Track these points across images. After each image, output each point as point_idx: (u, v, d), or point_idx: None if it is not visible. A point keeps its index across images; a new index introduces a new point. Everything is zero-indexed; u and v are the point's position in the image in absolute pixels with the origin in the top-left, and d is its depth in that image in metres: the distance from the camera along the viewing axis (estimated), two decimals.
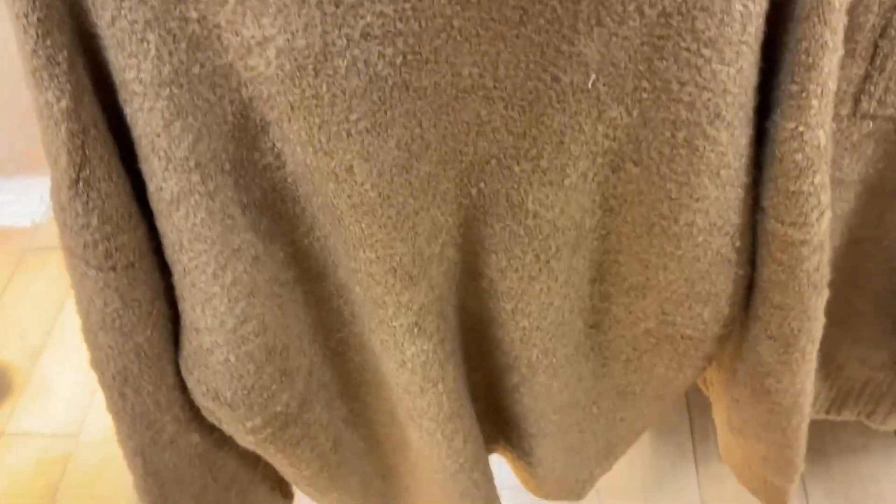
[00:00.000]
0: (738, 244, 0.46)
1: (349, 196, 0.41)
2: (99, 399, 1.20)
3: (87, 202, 0.39)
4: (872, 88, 0.47)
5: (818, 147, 0.40)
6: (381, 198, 0.41)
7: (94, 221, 0.40)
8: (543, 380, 0.55)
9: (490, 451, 0.70)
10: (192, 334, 0.46)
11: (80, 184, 0.39)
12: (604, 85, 0.38)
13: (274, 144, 0.41)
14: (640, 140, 0.41)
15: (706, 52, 0.36)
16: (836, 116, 0.48)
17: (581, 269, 0.50)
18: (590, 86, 0.38)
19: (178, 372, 0.49)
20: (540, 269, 0.48)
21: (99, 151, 0.39)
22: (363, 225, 0.42)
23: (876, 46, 0.46)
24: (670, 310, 0.50)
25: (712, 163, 0.41)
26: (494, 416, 0.64)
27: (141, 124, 0.38)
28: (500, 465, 0.69)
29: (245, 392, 0.47)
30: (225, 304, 0.43)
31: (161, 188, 0.40)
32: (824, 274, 0.46)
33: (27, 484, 1.11)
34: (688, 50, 0.36)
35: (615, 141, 0.41)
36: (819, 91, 0.38)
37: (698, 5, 0.35)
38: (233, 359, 0.46)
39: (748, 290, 0.50)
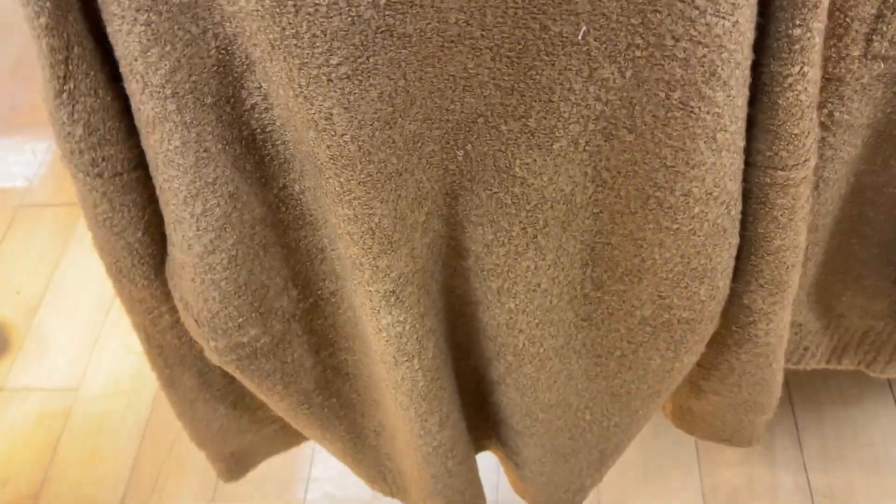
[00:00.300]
0: (732, 212, 0.45)
1: (328, 147, 0.40)
2: (98, 353, 1.21)
3: (72, 113, 0.41)
4: (885, 28, 0.46)
5: (815, 82, 0.40)
6: (361, 152, 0.40)
7: (79, 131, 0.42)
8: (530, 371, 0.55)
9: (482, 447, 0.70)
10: (170, 245, 0.47)
11: (65, 95, 0.40)
12: (595, 40, 0.37)
13: (261, 85, 0.41)
14: (633, 104, 0.40)
15: (700, 2, 0.35)
16: (847, 57, 0.48)
17: (572, 251, 0.48)
18: (580, 38, 0.37)
19: None
20: (527, 244, 0.47)
21: (84, 68, 0.40)
22: (342, 179, 0.41)
23: None
24: (666, 292, 0.49)
25: (708, 126, 0.40)
26: (485, 410, 0.64)
27: (120, 46, 0.38)
28: None
29: (209, 315, 0.49)
30: (193, 231, 0.44)
31: (139, 109, 0.41)
32: (810, 201, 0.47)
33: (28, 438, 1.12)
34: (682, 0, 0.35)
35: (607, 105, 0.40)
36: (821, 28, 0.38)
37: None
38: (198, 282, 0.47)
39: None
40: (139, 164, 0.45)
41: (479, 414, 0.65)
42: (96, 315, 1.26)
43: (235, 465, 0.74)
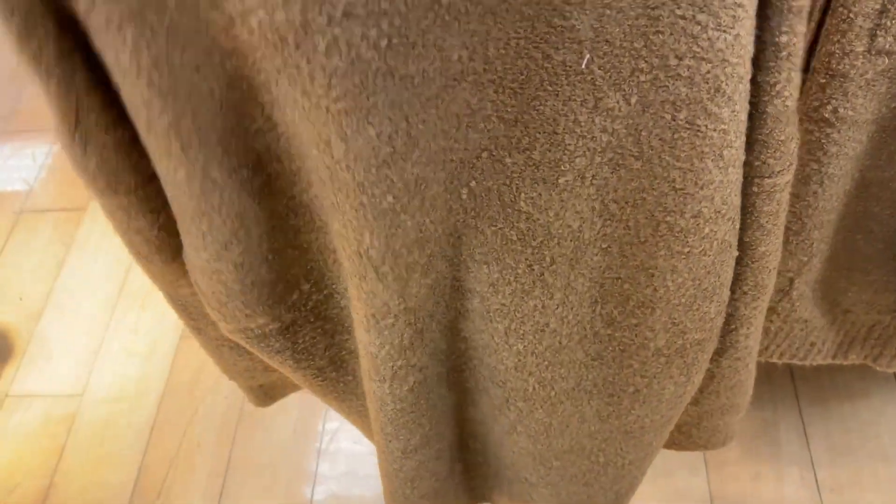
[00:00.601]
0: (737, 226, 0.45)
1: (327, 167, 0.40)
2: (102, 358, 1.21)
3: (85, 150, 0.42)
4: (889, 23, 0.46)
5: (798, 86, 0.40)
6: (356, 183, 0.39)
7: (92, 165, 0.43)
8: (541, 416, 0.54)
9: (487, 498, 0.70)
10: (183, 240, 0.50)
11: (77, 136, 0.42)
12: (599, 68, 0.36)
13: (263, 108, 0.41)
14: (639, 130, 0.39)
15: (702, 17, 0.34)
16: (851, 53, 0.47)
17: (580, 290, 0.47)
18: (584, 66, 0.36)
19: None
20: (534, 282, 0.46)
21: (93, 117, 0.41)
22: (337, 199, 0.41)
23: None
24: (680, 317, 0.48)
25: (715, 143, 0.39)
26: (494, 462, 0.63)
27: (124, 93, 0.39)
28: None
29: (217, 304, 0.50)
30: (199, 241, 0.45)
31: (146, 143, 0.42)
32: (788, 203, 0.47)
33: (34, 444, 1.12)
34: (683, 17, 0.34)
35: (613, 135, 0.39)
36: (804, 31, 0.38)
37: None
38: (206, 277, 0.48)
39: None
40: (153, 176, 0.45)
41: (487, 465, 0.64)
42: (99, 319, 1.26)
43: (264, 395, 0.76)
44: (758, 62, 0.39)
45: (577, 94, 0.38)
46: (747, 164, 0.43)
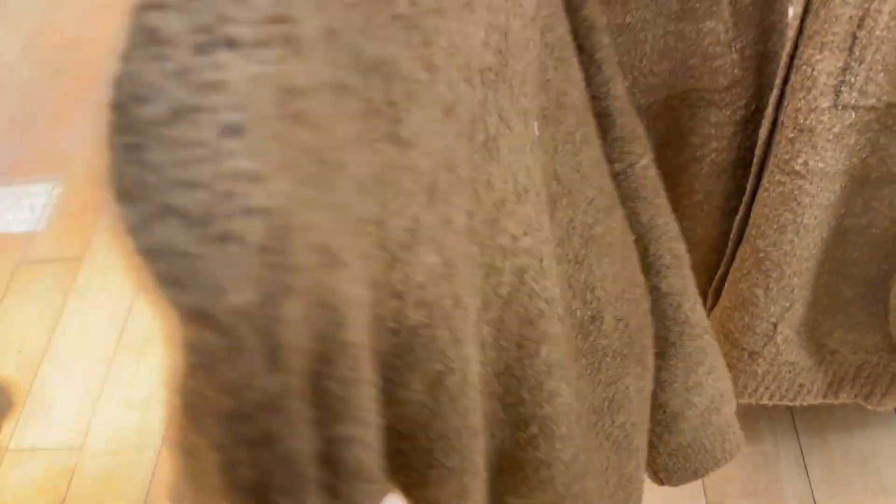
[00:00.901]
0: (622, 213, 0.50)
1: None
2: (101, 410, 1.21)
3: None
4: (853, 79, 0.47)
5: (623, 84, 0.47)
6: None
7: None
8: (578, 490, 0.53)
9: None
10: None
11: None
12: (537, 130, 0.41)
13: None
14: (557, 171, 0.43)
15: (566, 53, 0.41)
16: (817, 109, 0.48)
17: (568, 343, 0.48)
18: (536, 134, 0.40)
19: None
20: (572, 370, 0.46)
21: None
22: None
23: (854, 38, 0.45)
24: (621, 312, 0.50)
25: (596, 144, 0.45)
26: None
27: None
28: None
29: None
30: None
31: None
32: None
33: (34, 499, 1.12)
34: (560, 59, 0.41)
35: (545, 185, 0.42)
36: (610, 42, 0.45)
37: (558, 17, 0.41)
38: None
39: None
40: None
41: None
42: (98, 369, 1.26)
43: None
44: (587, 80, 0.46)
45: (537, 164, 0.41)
46: (617, 161, 0.49)
